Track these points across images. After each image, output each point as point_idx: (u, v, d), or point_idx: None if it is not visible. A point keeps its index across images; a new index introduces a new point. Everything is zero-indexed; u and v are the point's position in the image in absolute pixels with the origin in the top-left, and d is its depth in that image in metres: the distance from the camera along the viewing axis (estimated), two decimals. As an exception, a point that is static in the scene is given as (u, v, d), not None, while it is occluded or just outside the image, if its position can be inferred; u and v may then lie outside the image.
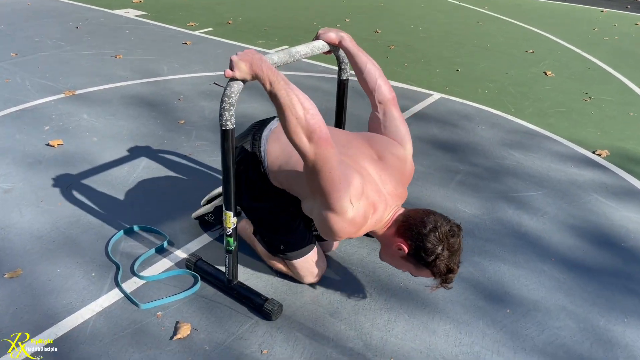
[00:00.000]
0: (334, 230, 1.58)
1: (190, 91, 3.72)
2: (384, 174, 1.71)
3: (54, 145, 2.85)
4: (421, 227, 1.57)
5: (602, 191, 2.68)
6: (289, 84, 1.51)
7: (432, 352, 1.69)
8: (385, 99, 1.87)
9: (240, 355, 1.65)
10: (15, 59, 4.19)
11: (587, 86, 4.23)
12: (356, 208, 1.56)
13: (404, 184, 1.79)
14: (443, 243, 1.55)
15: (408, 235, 1.60)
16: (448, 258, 1.56)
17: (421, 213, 1.62)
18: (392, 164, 1.75)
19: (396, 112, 1.88)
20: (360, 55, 1.88)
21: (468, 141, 3.16)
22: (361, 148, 1.75)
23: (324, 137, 1.49)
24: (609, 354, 1.72)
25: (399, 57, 4.81)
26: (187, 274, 1.97)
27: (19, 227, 2.18)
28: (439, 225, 1.56)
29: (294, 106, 1.48)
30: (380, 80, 1.87)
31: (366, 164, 1.70)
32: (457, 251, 1.58)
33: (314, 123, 1.48)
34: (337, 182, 1.51)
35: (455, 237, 1.57)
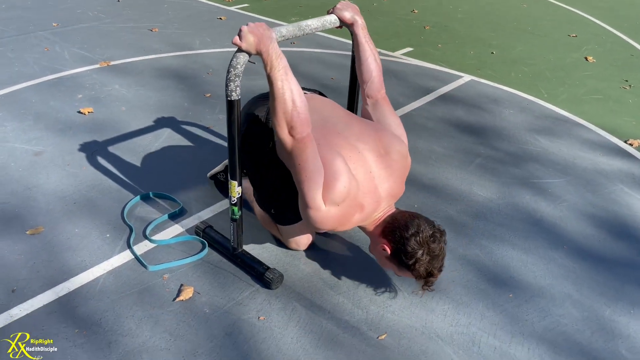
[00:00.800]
0: (310, 222, 1.63)
1: (219, 65, 3.77)
2: (386, 171, 1.73)
3: (85, 112, 2.96)
4: (404, 231, 1.61)
5: (629, 181, 2.59)
6: (287, 74, 1.55)
7: (427, 330, 1.70)
8: (373, 94, 1.89)
9: (238, 320, 1.70)
10: (56, 29, 4.35)
11: (628, 74, 4.04)
12: (331, 209, 1.60)
13: (402, 180, 1.81)
14: (423, 248, 1.59)
15: (391, 238, 1.65)
16: (428, 262, 1.60)
17: (407, 216, 1.66)
18: (396, 160, 1.76)
19: (386, 106, 1.90)
20: (366, 47, 1.88)
21: (494, 125, 3.09)
22: (370, 142, 1.75)
23: (304, 134, 1.56)
24: (609, 344, 1.68)
25: (433, 37, 4.71)
26: (195, 240, 2.04)
27: (45, 188, 2.29)
28: (421, 230, 1.60)
29: (285, 100, 1.54)
30: (375, 76, 1.88)
31: (371, 159, 1.71)
32: (438, 256, 1.62)
33: (298, 121, 1.55)
34: (307, 177, 1.57)
35: (437, 242, 1.61)
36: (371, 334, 1.68)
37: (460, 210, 2.29)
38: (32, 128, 2.78)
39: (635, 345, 1.69)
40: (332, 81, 3.61)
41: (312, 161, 1.58)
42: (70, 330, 1.63)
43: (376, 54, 1.89)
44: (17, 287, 1.77)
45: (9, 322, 1.65)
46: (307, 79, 3.59)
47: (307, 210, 1.62)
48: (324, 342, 1.64)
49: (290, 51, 4.14)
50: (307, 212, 1.61)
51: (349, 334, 1.67)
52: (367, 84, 1.87)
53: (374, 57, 1.88)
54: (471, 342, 1.67)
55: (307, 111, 1.57)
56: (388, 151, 1.75)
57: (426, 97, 3.44)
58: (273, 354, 1.59)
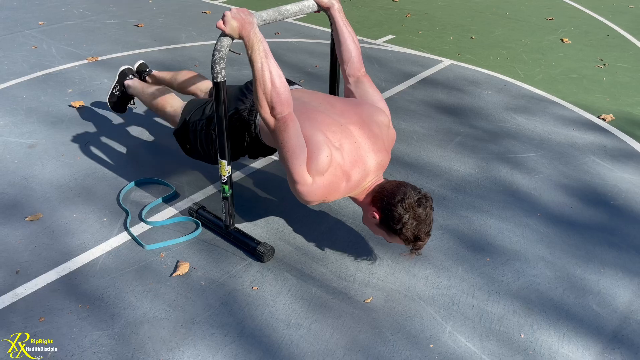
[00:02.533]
0: (299, 196, 1.71)
1: (205, 57, 3.85)
2: (370, 141, 1.79)
3: (76, 106, 3.04)
4: (391, 198, 1.70)
5: (601, 153, 2.72)
6: (267, 57, 1.63)
7: (409, 293, 1.82)
8: (354, 73, 1.98)
9: (233, 291, 1.81)
10: (43, 27, 4.40)
11: (603, 53, 4.18)
12: (317, 179, 1.67)
13: (387, 150, 1.87)
14: (409, 213, 1.67)
15: (379, 205, 1.74)
16: (414, 227, 1.68)
17: (394, 185, 1.75)
18: (377, 131, 1.82)
19: (367, 82, 1.99)
20: (343, 29, 1.97)
21: (472, 106, 3.21)
22: (352, 116, 1.82)
23: (284, 113, 1.64)
24: (580, 300, 1.81)
25: (414, 25, 4.82)
26: (189, 221, 2.13)
27: (41, 178, 2.38)
28: (407, 196, 1.68)
29: (264, 80, 1.62)
30: (354, 56, 1.97)
31: (355, 131, 1.78)
32: (424, 221, 1.70)
33: (277, 100, 1.63)
34: (291, 153, 1.65)
35: (422, 207, 1.69)
36: (358, 298, 1.79)
37: (441, 185, 2.41)
38: (25, 122, 2.85)
39: (604, 300, 1.82)
40: (317, 69, 3.71)
41: (294, 138, 1.65)
42: (74, 305, 1.73)
43: (354, 35, 1.99)
44: (21, 269, 1.87)
45: (15, 300, 1.74)
46: (292, 68, 3.69)
47: (295, 186, 1.68)
48: (314, 307, 1.75)
49: (274, 42, 4.23)
50: (296, 187, 1.68)
51: (337, 299, 1.79)
52: (347, 64, 1.97)
53: (352, 38, 1.97)
54: (451, 302, 1.79)
55: (287, 92, 1.65)
56: (370, 122, 1.82)
57: (408, 81, 3.55)
58: (267, 319, 1.70)
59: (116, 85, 2.64)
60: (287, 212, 2.21)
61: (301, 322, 1.69)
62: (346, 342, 1.63)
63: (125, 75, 2.64)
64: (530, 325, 1.70)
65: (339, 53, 1.99)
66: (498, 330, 1.68)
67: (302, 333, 1.65)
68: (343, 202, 2.27)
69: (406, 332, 1.67)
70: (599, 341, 1.66)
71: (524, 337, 1.66)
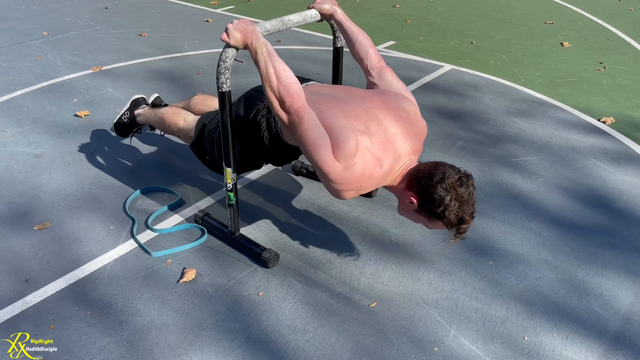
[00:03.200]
0: (333, 187, 1.63)
1: (208, 65, 3.89)
2: (398, 124, 1.71)
3: (81, 115, 3.08)
4: (429, 180, 1.57)
5: (602, 156, 2.74)
6: (271, 56, 1.64)
7: (414, 297, 1.84)
8: (375, 65, 1.96)
9: (239, 297, 1.83)
10: (47, 37, 4.45)
11: (603, 56, 4.21)
12: (348, 165, 1.59)
13: (419, 138, 1.78)
14: (450, 193, 1.54)
15: (417, 188, 1.61)
16: (458, 208, 1.55)
17: (431, 166, 1.62)
18: (405, 117, 1.75)
19: (390, 73, 1.95)
20: (352, 28, 1.99)
21: (473, 110, 3.24)
22: (375, 101, 1.77)
23: (295, 105, 1.61)
24: (582, 302, 1.83)
25: (414, 30, 4.86)
26: (195, 228, 2.16)
27: (48, 187, 2.41)
28: (446, 176, 1.56)
29: (269, 77, 1.63)
30: (371, 50, 1.97)
31: (380, 114, 1.71)
32: (467, 201, 1.57)
33: (285, 93, 1.61)
34: (313, 145, 1.59)
35: (464, 187, 1.56)
36: (362, 303, 1.81)
37: (443, 190, 2.43)
38: (31, 132, 2.89)
39: (607, 302, 1.83)
40: (319, 75, 3.74)
41: (313, 129, 1.60)
42: (83, 313, 1.75)
43: (364, 32, 1.99)
44: (30, 277, 1.89)
45: (25, 308, 1.77)
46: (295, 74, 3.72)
47: (326, 178, 1.60)
48: (320, 312, 1.77)
49: (277, 49, 4.25)
50: (327, 178, 1.60)
51: (342, 303, 1.81)
52: (366, 59, 1.95)
53: (364, 34, 1.98)
54: (455, 305, 1.81)
55: (295, 84, 1.63)
56: (396, 108, 1.76)
57: (409, 86, 3.58)
58: (272, 324, 1.72)
59: (126, 112, 2.52)
60: (292, 219, 2.23)
61: (307, 327, 1.72)
62: (352, 346, 1.65)
63: (138, 104, 2.54)
64: (534, 328, 1.72)
65: (355, 52, 1.98)
66: (502, 333, 1.70)
67: (308, 338, 1.68)
68: (347, 207, 2.30)
69: (411, 335, 1.69)
70: (601, 343, 1.67)
71: (527, 339, 1.68)
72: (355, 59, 2.01)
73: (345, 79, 2.39)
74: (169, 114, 2.29)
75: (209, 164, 2.11)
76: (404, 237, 2.13)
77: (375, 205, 2.32)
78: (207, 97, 2.42)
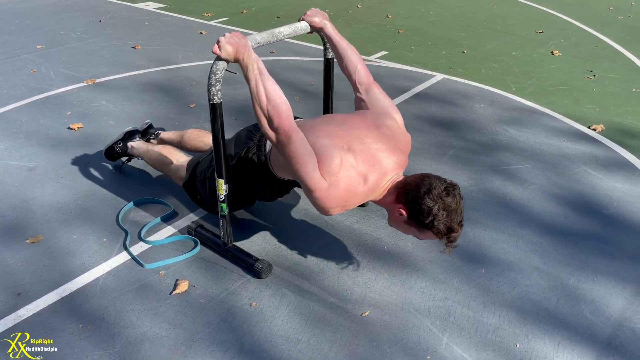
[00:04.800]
0: (319, 206, 1.67)
1: (202, 77, 3.91)
2: (382, 141, 1.78)
3: (75, 128, 3.09)
4: (416, 191, 1.63)
5: (592, 163, 2.76)
6: (262, 74, 1.67)
7: (406, 306, 1.84)
8: (364, 81, 2.00)
9: (232, 308, 1.83)
10: (41, 51, 4.47)
11: (593, 64, 4.25)
12: (332, 182, 1.63)
13: (403, 152, 1.84)
14: (438, 203, 1.59)
15: (405, 200, 1.67)
16: (446, 217, 1.60)
17: (417, 177, 1.68)
18: (388, 134, 1.81)
19: (377, 89, 2.01)
20: (341, 43, 2.02)
21: (465, 119, 3.27)
22: (357, 122, 1.83)
23: (284, 125, 1.63)
24: (574, 308, 1.84)
25: (406, 40, 4.90)
26: (188, 239, 2.17)
27: (41, 200, 2.41)
28: (433, 187, 1.61)
29: (259, 95, 1.65)
30: (359, 66, 2.01)
31: (364, 135, 1.77)
32: (455, 210, 1.62)
33: (274, 112, 1.64)
34: (301, 162, 1.62)
35: (451, 196, 1.61)
36: (355, 312, 1.82)
37: (435, 198, 2.45)
38: (24, 145, 2.90)
39: (598, 308, 1.84)
40: (312, 86, 3.76)
41: (301, 147, 1.63)
42: (75, 326, 1.75)
43: (353, 47, 2.03)
44: (22, 291, 1.89)
45: (17, 322, 1.76)
46: (288, 86, 3.75)
47: (312, 195, 1.64)
48: (313, 322, 1.77)
49: (270, 60, 4.29)
50: (313, 195, 1.64)
51: (334, 313, 1.81)
52: (355, 75, 1.99)
53: (352, 50, 2.02)
54: (447, 313, 1.81)
55: (284, 104, 1.65)
56: (379, 125, 1.82)
57: (401, 96, 3.60)
58: (266, 335, 1.72)
59: (119, 142, 2.56)
60: (284, 229, 2.24)
61: (300, 336, 1.72)
62: (344, 355, 1.65)
63: (132, 136, 2.59)
64: (526, 335, 1.73)
65: (344, 67, 2.02)
66: (494, 340, 1.71)
67: (300, 348, 1.68)
68: (339, 217, 2.31)
69: (403, 344, 1.69)
70: (593, 349, 1.68)
71: (519, 346, 1.69)
72: (344, 73, 2.04)
73: (337, 90, 2.41)
74: (162, 153, 2.37)
75: (201, 203, 2.19)
76: (397, 245, 2.14)
77: (367, 215, 2.33)
78: (201, 132, 2.48)
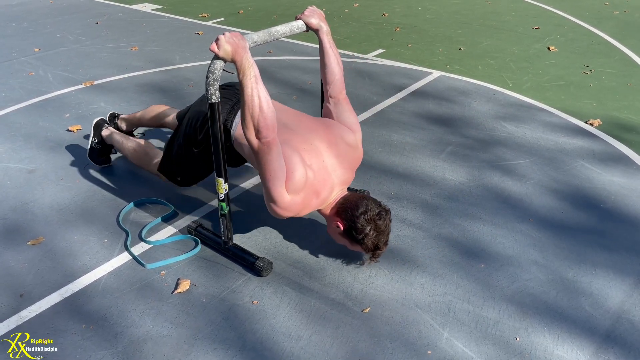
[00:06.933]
0: (272, 211, 1.84)
1: (200, 78, 3.92)
2: (337, 160, 1.94)
3: (74, 130, 3.09)
4: (354, 210, 1.84)
5: (589, 158, 2.78)
6: (258, 82, 1.70)
7: (406, 302, 1.86)
8: (336, 95, 2.09)
9: (233, 306, 1.84)
10: (39, 53, 4.47)
11: (589, 60, 4.27)
12: (293, 197, 1.79)
13: (352, 168, 2.01)
14: (371, 224, 1.82)
15: (344, 216, 1.87)
16: (375, 237, 1.84)
17: (357, 198, 1.89)
18: (344, 150, 1.96)
19: (346, 105, 2.10)
20: (329, 51, 2.06)
21: (462, 115, 3.28)
22: (322, 136, 1.95)
23: (269, 138, 1.71)
24: (573, 302, 1.85)
25: (403, 38, 4.91)
26: (188, 239, 2.18)
27: (41, 202, 2.42)
28: (369, 209, 1.83)
29: (253, 105, 1.69)
30: (337, 78, 2.08)
31: (324, 151, 1.92)
32: (383, 232, 1.85)
33: (264, 126, 1.70)
34: (272, 175, 1.75)
35: (382, 219, 1.84)
36: (356, 308, 1.83)
37: (434, 194, 2.46)
38: (24, 148, 2.90)
39: (597, 301, 1.86)
40: (309, 85, 3.78)
41: (276, 161, 1.74)
42: (78, 326, 1.76)
43: (339, 59, 2.08)
44: (25, 292, 1.90)
45: (20, 323, 1.77)
46: (285, 85, 3.76)
47: (272, 205, 1.81)
48: (314, 319, 1.79)
49: (267, 59, 4.30)
50: (272, 206, 1.81)
51: (336, 310, 1.82)
52: (330, 85, 2.07)
53: (337, 62, 2.07)
54: (447, 308, 1.83)
55: (273, 117, 1.72)
56: (337, 142, 1.96)
57: (398, 94, 3.62)
58: (267, 332, 1.73)
59: (94, 138, 2.65)
60: (284, 227, 2.25)
61: (301, 333, 1.73)
62: (346, 351, 1.66)
63: (100, 126, 2.66)
64: (525, 329, 1.74)
65: (324, 74, 2.08)
66: (494, 334, 1.72)
67: (302, 345, 1.69)
68: (339, 214, 2.32)
69: (404, 339, 1.71)
70: (592, 341, 1.70)
71: (519, 340, 1.70)
72: (322, 80, 2.13)
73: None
74: (138, 144, 2.48)
75: (182, 182, 2.32)
76: (397, 242, 2.15)
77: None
78: (160, 106, 2.65)
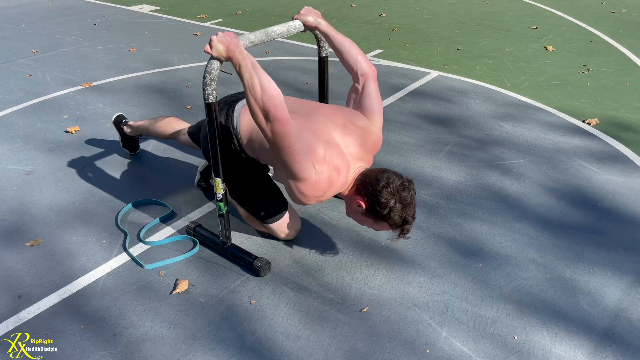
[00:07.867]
0: (301, 195, 1.77)
1: (198, 79, 3.92)
2: (347, 138, 1.88)
3: (72, 131, 3.10)
4: (375, 184, 1.75)
5: (587, 157, 2.78)
6: (255, 67, 1.68)
7: (405, 301, 1.86)
8: (365, 72, 2.03)
9: (232, 306, 1.84)
10: (37, 55, 4.47)
11: (587, 59, 4.28)
12: (319, 172, 1.73)
13: (369, 151, 1.95)
14: (395, 197, 1.73)
15: (364, 193, 1.78)
16: (401, 210, 1.74)
17: (376, 172, 1.80)
18: (354, 131, 1.92)
19: (374, 86, 2.04)
20: (337, 37, 2.04)
21: (460, 115, 3.28)
22: (328, 115, 1.92)
23: (279, 116, 1.65)
24: (571, 300, 1.86)
25: (401, 38, 4.92)
26: (187, 239, 2.18)
27: (39, 203, 2.42)
28: (391, 181, 1.74)
29: (253, 88, 1.66)
30: (360, 57, 2.03)
31: (331, 129, 1.87)
32: (410, 204, 1.76)
33: (269, 104, 1.64)
34: (297, 154, 1.68)
35: (407, 190, 1.75)
36: (354, 308, 1.83)
37: (432, 194, 2.47)
38: (22, 149, 2.90)
39: (595, 299, 1.86)
40: (307, 85, 3.78)
41: (298, 140, 1.68)
42: (77, 327, 1.76)
43: (350, 39, 2.05)
44: (23, 293, 1.90)
45: (18, 324, 1.77)
46: (284, 85, 3.76)
47: (300, 184, 1.72)
48: (312, 318, 1.79)
49: (265, 60, 4.31)
50: (301, 187, 1.73)
51: (334, 309, 1.83)
52: (357, 66, 2.01)
53: (350, 42, 2.04)
54: (445, 307, 1.83)
55: (279, 95, 1.67)
56: (344, 124, 1.91)
57: (397, 94, 3.62)
58: (266, 332, 1.74)
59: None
60: (283, 227, 2.25)
61: (300, 333, 1.73)
62: (344, 351, 1.67)
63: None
64: (523, 327, 1.75)
65: (344, 60, 2.04)
66: (492, 333, 1.73)
67: (301, 344, 1.69)
68: (337, 214, 2.32)
69: (403, 339, 1.71)
70: (590, 340, 1.70)
71: (517, 338, 1.70)
72: (345, 66, 2.07)
73: (332, 88, 2.42)
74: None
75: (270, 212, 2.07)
76: (395, 241, 2.15)
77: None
78: (171, 119, 2.53)
